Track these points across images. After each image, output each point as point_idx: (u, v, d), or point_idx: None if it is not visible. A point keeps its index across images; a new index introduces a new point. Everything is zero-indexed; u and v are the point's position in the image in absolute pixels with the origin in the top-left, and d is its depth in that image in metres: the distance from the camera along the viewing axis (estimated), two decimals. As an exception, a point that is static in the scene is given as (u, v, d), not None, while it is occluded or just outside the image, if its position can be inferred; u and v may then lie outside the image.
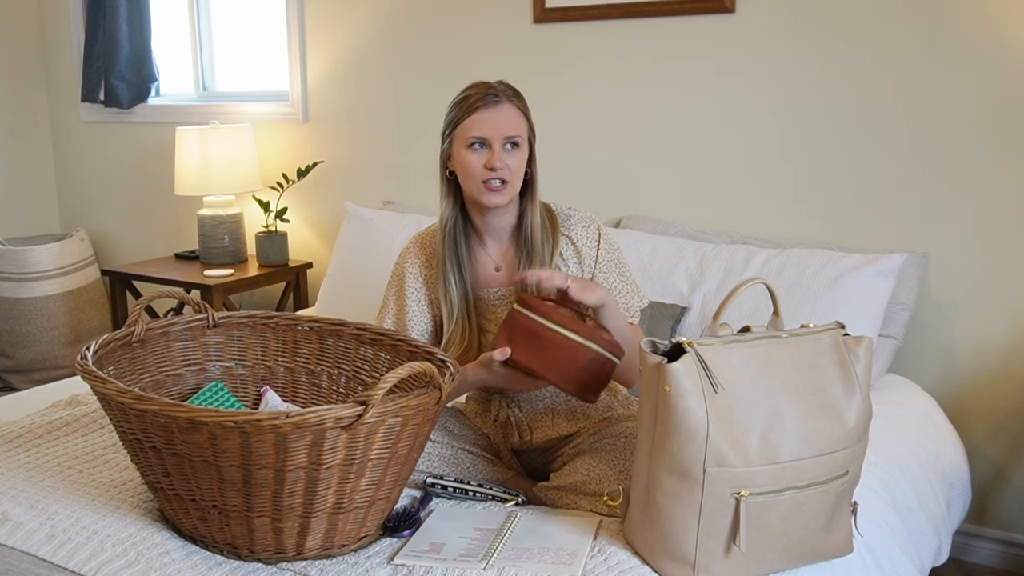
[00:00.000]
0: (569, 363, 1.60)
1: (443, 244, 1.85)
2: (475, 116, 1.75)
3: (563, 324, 1.60)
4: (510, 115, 1.76)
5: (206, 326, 1.85)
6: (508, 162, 1.74)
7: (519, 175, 1.78)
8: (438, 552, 1.48)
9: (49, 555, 1.48)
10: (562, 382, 1.61)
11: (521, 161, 1.77)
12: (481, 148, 1.75)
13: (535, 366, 1.61)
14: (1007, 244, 2.37)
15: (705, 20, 2.65)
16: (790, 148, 2.60)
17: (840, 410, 1.44)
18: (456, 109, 1.79)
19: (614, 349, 1.62)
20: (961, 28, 2.33)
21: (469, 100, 1.77)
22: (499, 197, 1.76)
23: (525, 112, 1.80)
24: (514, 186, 1.77)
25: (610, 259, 1.85)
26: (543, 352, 1.60)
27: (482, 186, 1.75)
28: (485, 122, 1.74)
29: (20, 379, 3.71)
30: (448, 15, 3.08)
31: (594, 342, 1.60)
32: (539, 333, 1.61)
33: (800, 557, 1.46)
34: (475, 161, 1.75)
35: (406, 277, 1.91)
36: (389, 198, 3.23)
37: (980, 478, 2.45)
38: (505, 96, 1.77)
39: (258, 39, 3.65)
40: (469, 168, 1.76)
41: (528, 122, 1.80)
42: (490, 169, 1.73)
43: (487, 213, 1.82)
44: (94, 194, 4.11)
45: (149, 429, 1.42)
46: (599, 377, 1.62)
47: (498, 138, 1.74)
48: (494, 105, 1.75)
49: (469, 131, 1.75)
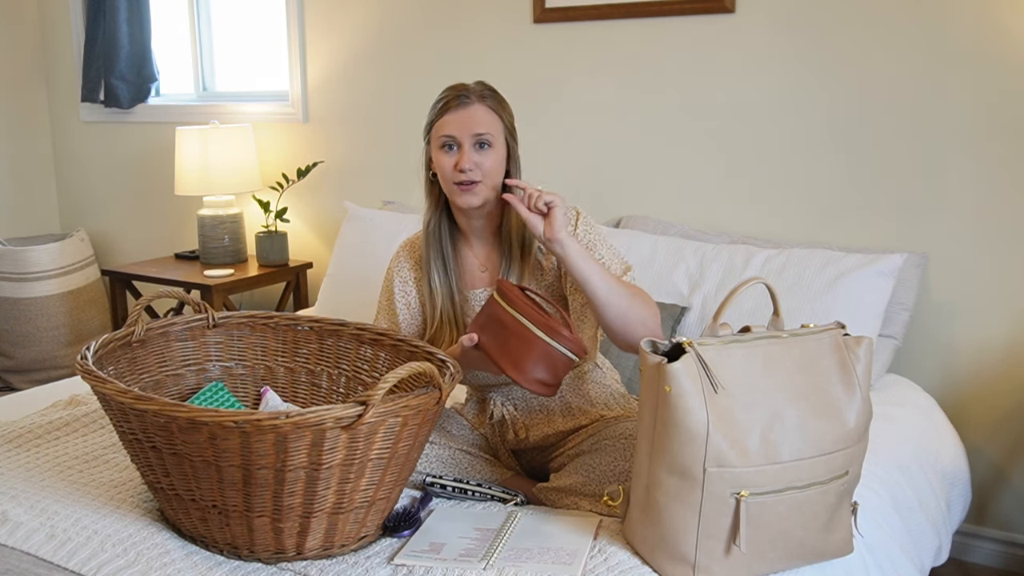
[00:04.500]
0: (521, 353, 1.59)
1: (426, 245, 1.86)
2: (446, 117, 1.76)
3: (524, 313, 1.60)
4: (480, 115, 1.76)
5: (206, 326, 1.85)
6: (481, 162, 1.74)
7: (493, 174, 1.77)
8: (438, 552, 1.48)
9: (49, 555, 1.48)
10: (511, 370, 1.59)
11: (495, 161, 1.77)
12: (452, 149, 1.76)
13: (492, 352, 1.61)
14: (1007, 244, 2.37)
15: (705, 20, 2.65)
16: (790, 148, 2.60)
17: (840, 410, 1.44)
18: (432, 111, 1.81)
19: (574, 348, 1.60)
20: (961, 28, 2.33)
21: (443, 101, 1.78)
22: (471, 197, 1.76)
23: (499, 112, 1.79)
24: (487, 186, 1.76)
25: (588, 239, 1.81)
26: (500, 339, 1.61)
27: (455, 187, 1.76)
28: (454, 122, 1.75)
29: (20, 379, 3.71)
30: (448, 15, 3.08)
31: (552, 337, 1.59)
32: (502, 320, 1.61)
33: (800, 557, 1.46)
34: (447, 162, 1.76)
35: (395, 282, 1.92)
36: (389, 198, 3.23)
37: (980, 478, 2.45)
38: (476, 96, 1.77)
39: (258, 39, 3.65)
40: (442, 169, 1.77)
41: (503, 121, 1.79)
42: (460, 170, 1.74)
43: (468, 214, 1.82)
44: (94, 194, 4.11)
45: (149, 429, 1.42)
46: (553, 372, 1.61)
47: (467, 137, 1.74)
48: (464, 105, 1.76)
49: (440, 131, 1.77)
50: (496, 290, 1.66)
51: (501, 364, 1.60)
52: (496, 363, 1.61)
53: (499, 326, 1.61)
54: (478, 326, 1.65)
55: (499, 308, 1.63)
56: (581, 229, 1.80)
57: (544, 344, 1.59)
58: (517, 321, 1.60)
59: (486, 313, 1.65)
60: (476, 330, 1.64)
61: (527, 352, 1.59)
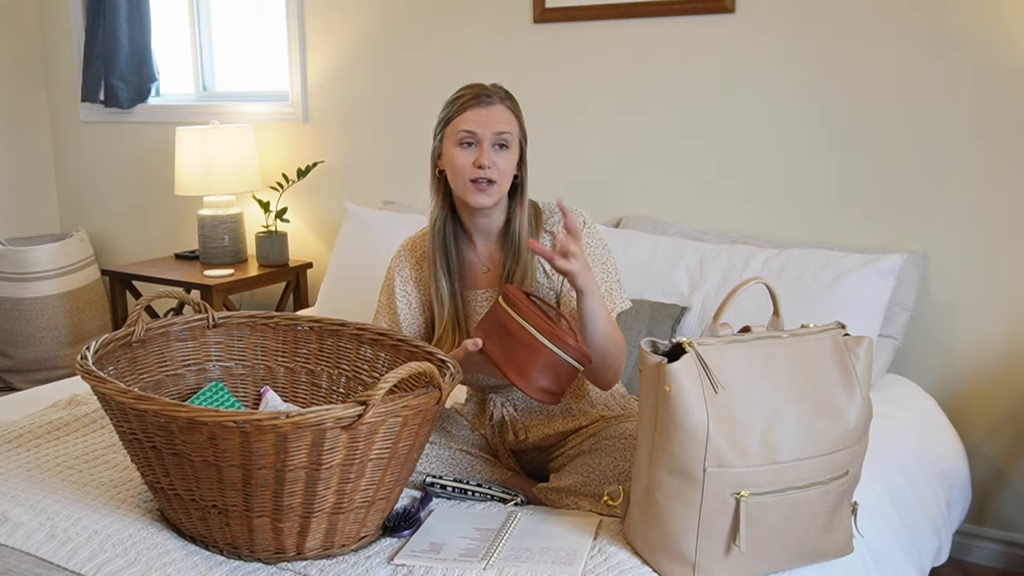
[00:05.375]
0: (527, 361, 1.58)
1: (432, 244, 1.85)
2: (467, 113, 1.76)
3: (530, 321, 1.59)
4: (502, 114, 1.77)
5: (206, 326, 1.85)
6: (496, 162, 1.74)
7: (507, 176, 1.77)
8: (438, 552, 1.48)
9: (49, 555, 1.48)
10: (516, 378, 1.59)
11: (510, 162, 1.77)
12: (470, 147, 1.75)
13: (496, 359, 1.61)
14: (1007, 244, 2.37)
15: (705, 20, 2.65)
16: (790, 148, 2.60)
17: (840, 410, 1.44)
18: (448, 107, 1.80)
19: (578, 356, 1.60)
20: (961, 28, 2.33)
21: (462, 99, 1.78)
22: (485, 197, 1.76)
23: (517, 115, 1.80)
24: (501, 187, 1.77)
25: (590, 251, 1.82)
26: (505, 346, 1.60)
27: (470, 185, 1.75)
28: (475, 119, 1.75)
29: (20, 379, 3.71)
30: (448, 15, 3.08)
31: (557, 345, 1.58)
32: (508, 327, 1.61)
33: (800, 557, 1.46)
34: (464, 159, 1.75)
35: (396, 281, 1.92)
36: (389, 198, 3.23)
37: (980, 478, 2.45)
38: (498, 97, 1.78)
39: (258, 39, 3.65)
40: (457, 165, 1.76)
41: (520, 125, 1.80)
42: (478, 167, 1.74)
43: (475, 213, 1.81)
44: (94, 194, 4.11)
45: (149, 429, 1.42)
46: (556, 381, 1.60)
47: (488, 135, 1.74)
48: (486, 104, 1.76)
49: (460, 126, 1.76)
50: (502, 295, 1.65)
51: (506, 371, 1.60)
52: (501, 369, 1.61)
53: (504, 332, 1.61)
54: (483, 331, 1.64)
55: (505, 314, 1.62)
56: (584, 239, 1.81)
57: (549, 352, 1.58)
58: (523, 328, 1.59)
59: (491, 318, 1.64)
60: (481, 335, 1.64)
61: (532, 360, 1.58)
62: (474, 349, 1.63)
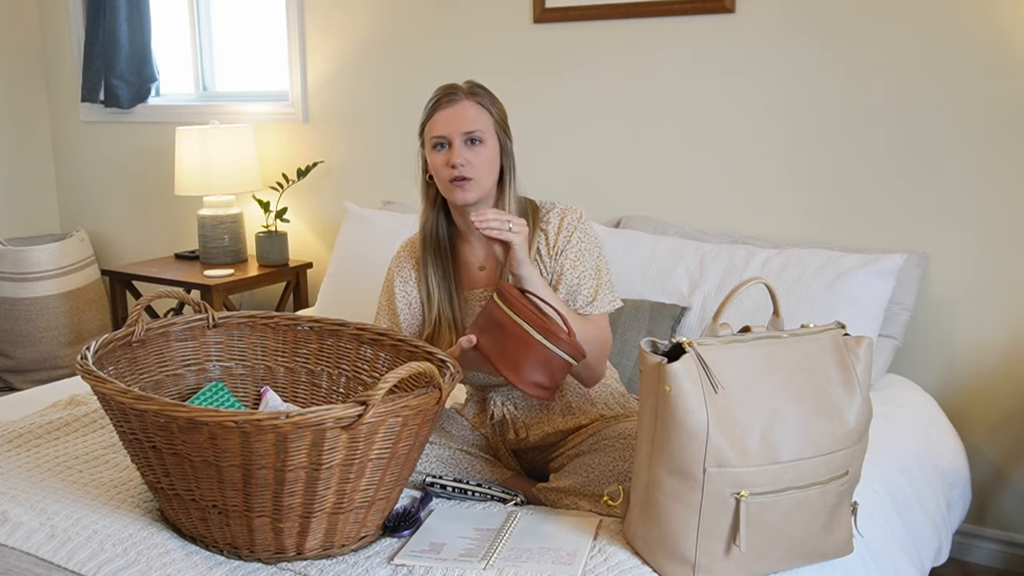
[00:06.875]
0: (519, 356, 1.59)
1: (423, 247, 1.88)
2: (435, 116, 1.78)
3: (523, 316, 1.60)
4: (469, 111, 1.77)
5: (206, 326, 1.85)
6: (470, 158, 1.75)
7: (486, 171, 1.77)
8: (438, 552, 1.48)
9: (49, 555, 1.48)
10: (508, 373, 1.59)
11: (487, 157, 1.77)
12: (444, 148, 1.77)
13: (490, 355, 1.61)
14: (1007, 244, 2.37)
15: (705, 20, 2.65)
16: (790, 148, 2.60)
17: (840, 410, 1.44)
18: (424, 112, 1.82)
19: (571, 351, 1.61)
20: (961, 28, 2.33)
21: (432, 102, 1.80)
22: (464, 194, 1.76)
23: (489, 107, 1.80)
24: (480, 182, 1.77)
25: (581, 247, 1.81)
26: (498, 342, 1.61)
27: (449, 185, 1.77)
28: (443, 120, 1.77)
29: (20, 379, 3.71)
30: (448, 15, 3.08)
31: (549, 339, 1.59)
32: (501, 323, 1.61)
33: (800, 557, 1.46)
34: (439, 161, 1.77)
35: (396, 281, 1.93)
36: (389, 198, 3.23)
37: (980, 478, 2.45)
38: (464, 93, 1.79)
39: (258, 39, 3.65)
40: (435, 168, 1.79)
41: (494, 117, 1.80)
42: (451, 167, 1.74)
43: (464, 212, 1.82)
44: (94, 194, 4.11)
45: (149, 429, 1.42)
46: (550, 375, 1.61)
47: (456, 135, 1.75)
48: (453, 103, 1.77)
49: (431, 131, 1.79)
50: (496, 292, 1.66)
51: (499, 366, 1.60)
52: (494, 365, 1.61)
53: (498, 328, 1.62)
54: (477, 328, 1.65)
55: (498, 310, 1.63)
56: (577, 235, 1.81)
57: (541, 347, 1.59)
58: (515, 324, 1.60)
59: (485, 315, 1.66)
60: (475, 332, 1.65)
61: (525, 355, 1.59)
62: (468, 346, 1.64)
